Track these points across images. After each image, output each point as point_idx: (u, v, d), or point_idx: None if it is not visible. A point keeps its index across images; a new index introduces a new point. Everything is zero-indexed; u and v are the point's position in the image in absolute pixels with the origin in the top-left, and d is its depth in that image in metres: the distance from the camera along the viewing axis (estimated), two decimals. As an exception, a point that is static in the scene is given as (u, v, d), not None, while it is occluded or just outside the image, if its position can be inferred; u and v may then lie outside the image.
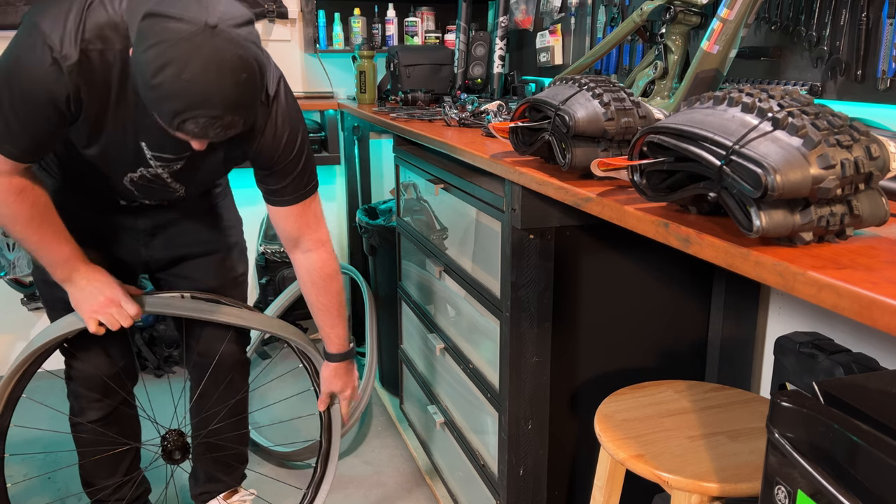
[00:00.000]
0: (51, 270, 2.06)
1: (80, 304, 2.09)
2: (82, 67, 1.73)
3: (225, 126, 1.65)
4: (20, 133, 1.81)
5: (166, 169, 2.02)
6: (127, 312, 2.11)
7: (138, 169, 2.01)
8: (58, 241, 2.01)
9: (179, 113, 1.61)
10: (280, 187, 2.11)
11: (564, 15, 3.21)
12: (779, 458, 1.15)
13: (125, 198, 2.16)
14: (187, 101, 1.59)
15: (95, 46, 1.74)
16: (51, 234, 1.99)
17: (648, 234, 1.36)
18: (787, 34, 2.04)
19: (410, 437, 3.25)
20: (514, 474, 2.16)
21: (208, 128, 1.64)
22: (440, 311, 2.69)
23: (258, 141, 1.99)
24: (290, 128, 2.02)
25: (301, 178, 2.11)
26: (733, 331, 2.23)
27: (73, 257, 2.05)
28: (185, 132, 1.66)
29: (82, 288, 2.08)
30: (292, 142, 2.04)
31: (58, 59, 1.71)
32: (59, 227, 2.01)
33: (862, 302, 0.95)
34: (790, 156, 1.10)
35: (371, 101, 3.77)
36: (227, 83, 1.60)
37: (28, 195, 1.92)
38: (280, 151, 2.03)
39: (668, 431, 1.73)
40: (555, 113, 1.68)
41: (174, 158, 1.99)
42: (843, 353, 1.80)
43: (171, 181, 2.07)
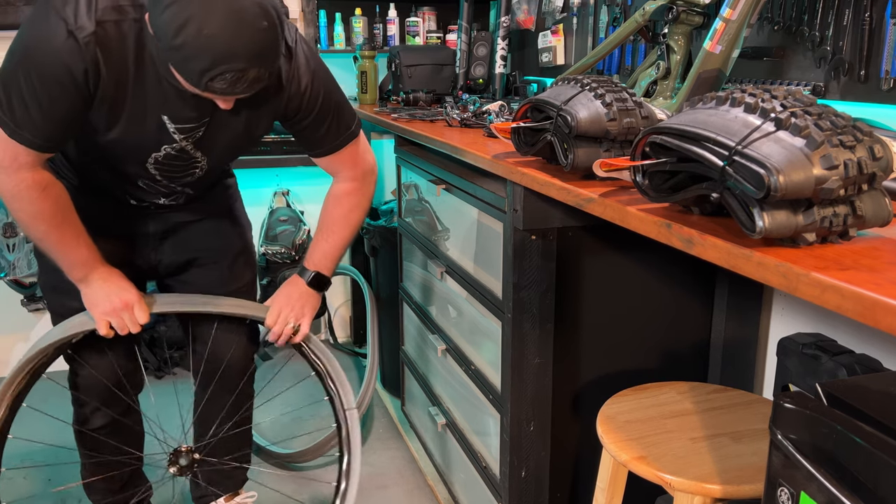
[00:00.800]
0: (68, 270, 2.03)
1: (94, 304, 2.07)
2: (99, 39, 1.71)
3: (252, 80, 1.65)
4: (40, 118, 1.77)
5: (190, 139, 1.97)
6: (136, 318, 2.09)
7: (162, 147, 1.96)
8: (78, 241, 1.99)
9: (206, 70, 1.60)
10: (318, 136, 2.12)
11: (566, 15, 3.20)
12: (782, 460, 1.15)
13: (139, 194, 2.13)
14: (212, 57, 1.58)
15: (110, 17, 1.72)
16: (71, 232, 1.97)
17: (651, 234, 1.36)
18: (790, 34, 2.04)
19: (412, 439, 3.25)
20: (516, 476, 2.15)
21: (236, 83, 1.64)
22: (442, 313, 2.69)
23: (283, 95, 1.98)
24: (311, 76, 2.00)
25: (336, 127, 2.11)
26: (736, 332, 2.22)
27: (91, 257, 2.03)
28: (213, 91, 1.66)
29: (98, 288, 2.05)
30: (317, 89, 2.02)
31: (73, 32, 1.68)
32: (78, 225, 1.98)
33: (865, 303, 0.95)
34: (793, 156, 1.09)
35: (372, 102, 3.76)
36: (249, 33, 1.59)
37: (51, 191, 1.90)
38: (307, 101, 2.02)
39: (671, 433, 1.72)
40: (557, 113, 1.67)
41: (196, 126, 1.94)
42: (847, 354, 1.80)
43: (193, 151, 2.02)
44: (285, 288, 2.30)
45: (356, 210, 2.27)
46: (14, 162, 1.82)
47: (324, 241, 2.27)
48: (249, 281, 2.47)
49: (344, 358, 4.18)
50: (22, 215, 1.92)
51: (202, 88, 1.66)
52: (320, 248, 2.27)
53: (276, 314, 2.26)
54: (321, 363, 2.38)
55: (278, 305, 2.27)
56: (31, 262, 3.54)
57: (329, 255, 2.28)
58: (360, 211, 2.28)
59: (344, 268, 3.81)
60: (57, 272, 2.04)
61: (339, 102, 2.10)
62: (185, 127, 1.93)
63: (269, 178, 4.13)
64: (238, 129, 2.02)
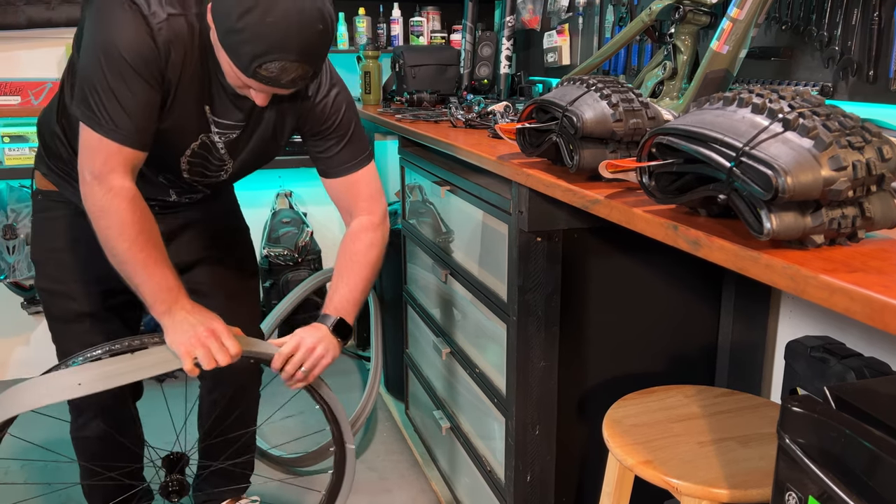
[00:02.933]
0: (151, 301, 1.88)
1: (177, 338, 1.89)
2: (170, 27, 1.77)
3: (296, 75, 1.72)
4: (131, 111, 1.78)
5: (223, 137, 2.00)
6: (227, 349, 1.90)
7: (199, 136, 1.97)
8: (164, 266, 1.87)
9: (259, 56, 1.67)
10: (331, 157, 2.13)
11: (572, 14, 3.19)
12: (789, 464, 1.15)
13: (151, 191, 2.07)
14: (268, 43, 1.66)
15: (176, 10, 1.79)
16: (157, 256, 1.86)
17: (657, 236, 1.35)
18: (798, 34, 2.02)
19: (416, 443, 3.23)
20: (521, 480, 2.14)
21: (282, 73, 1.70)
22: (446, 315, 2.68)
23: (309, 104, 2.03)
24: (338, 89, 2.07)
25: (353, 146, 2.13)
26: (743, 335, 2.21)
27: (176, 286, 1.90)
28: (258, 78, 1.72)
29: (182, 320, 1.89)
30: (340, 103, 2.08)
31: (147, 18, 1.74)
32: (163, 249, 1.88)
33: (874, 305, 0.94)
34: (801, 157, 1.08)
35: (376, 102, 3.76)
36: (307, 30, 1.68)
37: (139, 204, 1.84)
38: (329, 112, 2.06)
39: (678, 437, 1.72)
40: (562, 114, 1.66)
41: (233, 126, 1.99)
42: (855, 357, 1.79)
43: (224, 152, 2.04)
44: (308, 328, 2.11)
45: (374, 248, 2.18)
46: (105, 166, 1.79)
47: (343, 285, 2.15)
48: (253, 283, 2.49)
49: (347, 361, 4.17)
50: (109, 232, 1.82)
51: (249, 74, 1.71)
52: (339, 292, 2.14)
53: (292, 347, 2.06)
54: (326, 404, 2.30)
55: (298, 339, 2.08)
56: (31, 265, 3.53)
57: (349, 299, 2.15)
58: (378, 249, 2.19)
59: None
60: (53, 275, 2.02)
61: (357, 122, 2.13)
62: (223, 123, 1.97)
63: (271, 180, 4.13)
64: (266, 135, 2.07)
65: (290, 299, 3.47)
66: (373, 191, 2.20)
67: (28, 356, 4.00)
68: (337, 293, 2.14)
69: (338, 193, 2.19)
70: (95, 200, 1.81)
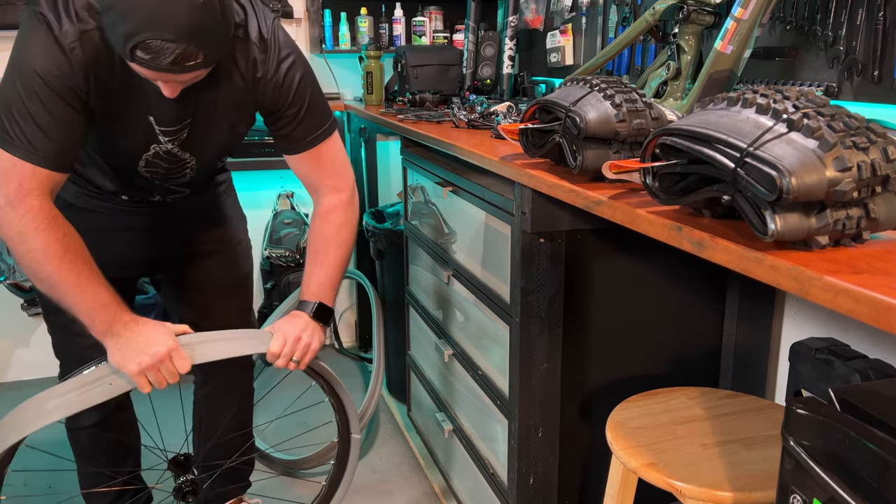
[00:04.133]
0: (89, 322, 1.82)
1: (123, 360, 1.84)
2: (83, 46, 1.71)
3: (180, 56, 1.59)
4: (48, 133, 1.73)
5: (175, 141, 1.96)
6: (176, 368, 1.88)
7: (151, 146, 1.95)
8: (97, 284, 1.81)
9: (131, 35, 1.56)
10: (287, 130, 2.05)
11: (575, 14, 3.18)
12: (794, 467, 1.15)
13: (136, 190, 2.12)
14: (137, 21, 1.55)
15: (90, 25, 1.71)
16: (87, 273, 1.80)
17: (661, 237, 1.34)
18: (803, 34, 2.02)
19: (418, 445, 3.23)
20: (524, 483, 2.13)
21: (161, 54, 1.57)
22: (449, 317, 2.67)
23: (261, 87, 1.94)
24: (289, 64, 1.97)
25: (311, 120, 2.05)
26: (748, 336, 2.20)
27: (113, 302, 1.83)
28: (138, 62, 1.60)
29: (126, 340, 1.84)
30: (293, 77, 1.98)
31: (59, 38, 1.68)
32: (93, 266, 1.82)
33: (879, 307, 0.93)
34: (805, 158, 1.08)
35: (378, 103, 3.75)
36: (180, 4, 1.55)
37: (60, 224, 1.77)
38: (284, 89, 1.97)
39: (682, 439, 1.71)
40: (565, 114, 1.66)
41: (178, 128, 1.93)
42: (860, 359, 1.79)
43: (181, 153, 2.01)
44: (288, 317, 2.10)
45: (346, 227, 2.16)
46: (20, 190, 1.73)
47: (318, 269, 2.13)
48: (246, 273, 2.45)
49: (349, 363, 4.17)
50: (33, 255, 1.76)
51: (128, 57, 1.61)
52: (315, 276, 2.13)
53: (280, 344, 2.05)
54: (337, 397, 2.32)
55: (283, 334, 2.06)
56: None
57: (326, 283, 2.13)
58: (349, 229, 2.17)
59: (349, 271, 3.80)
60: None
61: (315, 94, 2.05)
62: (168, 129, 1.92)
63: (273, 181, 4.13)
64: (222, 128, 2.01)
65: (292, 301, 3.46)
66: (338, 164, 2.15)
67: (28, 358, 3.99)
68: (313, 278, 2.12)
69: (302, 170, 2.14)
70: (12, 226, 1.74)
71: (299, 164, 2.11)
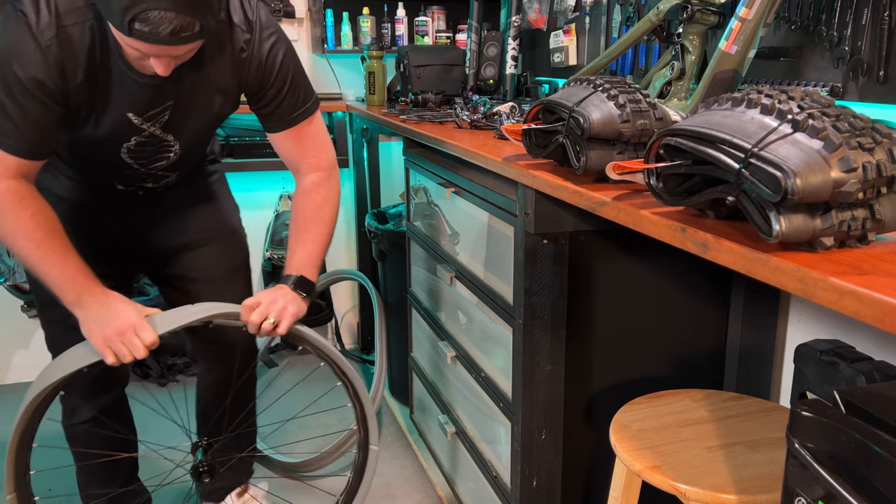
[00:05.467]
0: (58, 292, 1.93)
1: (90, 331, 1.94)
2: (61, 42, 1.75)
3: (177, 27, 1.62)
4: (22, 126, 1.80)
5: (157, 124, 2.00)
6: (142, 341, 1.94)
7: (132, 138, 2.00)
8: (65, 258, 1.91)
9: (129, 7, 1.58)
10: (271, 108, 2.10)
11: (579, 14, 3.18)
12: (799, 469, 1.14)
13: (124, 179, 2.16)
14: None
15: (69, 21, 1.75)
16: (56, 248, 1.90)
17: (665, 239, 1.34)
18: (808, 34, 2.01)
19: (421, 448, 3.22)
20: (527, 486, 2.12)
21: (160, 24, 1.60)
22: (451, 319, 2.66)
23: (246, 66, 2.00)
24: (272, 43, 2.02)
25: (293, 98, 2.10)
26: (752, 338, 2.19)
27: (81, 275, 1.93)
28: (136, 35, 1.63)
29: (94, 312, 1.93)
30: (276, 56, 2.03)
31: (35, 37, 1.73)
32: (64, 242, 1.91)
33: (884, 309, 0.93)
34: (810, 159, 1.08)
35: (380, 103, 3.75)
36: None
37: (29, 204, 1.87)
38: (268, 68, 2.02)
39: (686, 442, 1.71)
40: (569, 115, 1.65)
41: (160, 111, 1.97)
42: (865, 361, 1.79)
43: (163, 134, 2.04)
44: (268, 290, 2.16)
45: (328, 204, 2.21)
46: None
47: (300, 246, 2.19)
48: (242, 261, 2.49)
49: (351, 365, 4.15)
50: (4, 232, 1.88)
51: (126, 32, 1.63)
52: (297, 254, 2.19)
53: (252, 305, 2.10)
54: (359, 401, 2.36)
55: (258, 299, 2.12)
56: (30, 274, 3.54)
57: (308, 260, 2.19)
58: (331, 205, 2.22)
59: (351, 273, 3.80)
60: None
61: (298, 73, 2.10)
62: (150, 115, 1.96)
63: (274, 182, 4.12)
64: (205, 108, 2.05)
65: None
66: (319, 141, 2.21)
67: (28, 360, 3.98)
68: (295, 255, 2.18)
69: (284, 149, 2.20)
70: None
71: (282, 142, 2.18)
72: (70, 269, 1.91)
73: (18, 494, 2.07)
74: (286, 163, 2.24)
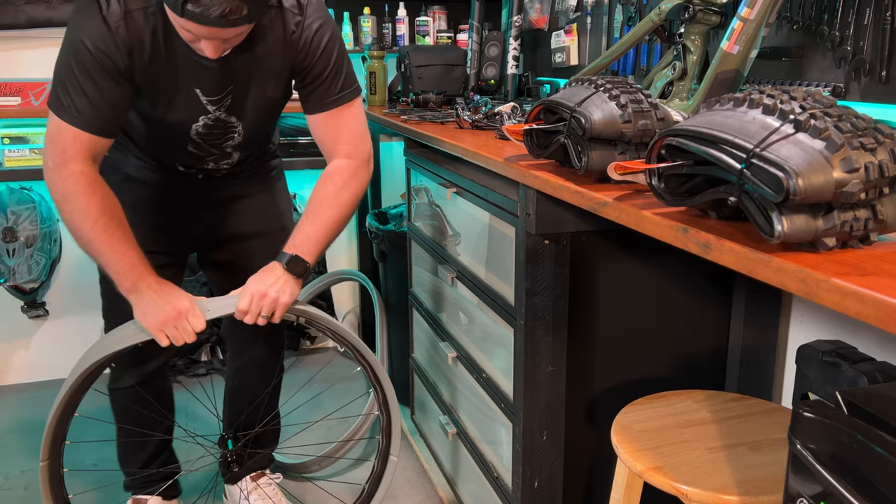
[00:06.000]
0: (117, 279, 2.03)
1: (145, 315, 2.06)
2: (128, 24, 1.87)
3: (227, 9, 1.71)
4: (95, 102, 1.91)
5: (221, 108, 2.10)
6: (192, 327, 2.07)
7: (199, 117, 2.10)
8: (127, 244, 2.01)
9: None
10: (313, 89, 2.15)
11: (580, 14, 3.18)
12: (801, 470, 1.14)
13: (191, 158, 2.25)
14: None
15: (134, 6, 1.87)
16: (120, 235, 2.00)
17: (667, 239, 1.33)
18: (810, 34, 2.00)
19: (422, 449, 3.22)
20: (528, 487, 2.12)
21: (210, 6, 1.69)
22: (452, 319, 2.66)
23: (295, 48, 2.07)
24: (321, 23, 2.08)
25: (334, 81, 2.15)
26: (754, 339, 2.19)
27: (140, 263, 2.04)
28: (188, 15, 1.71)
29: (149, 298, 2.04)
30: (323, 35, 2.09)
31: (105, 18, 1.85)
32: (127, 230, 2.02)
33: (887, 309, 0.92)
34: (812, 159, 1.07)
35: (381, 103, 3.75)
36: None
37: (99, 188, 1.97)
38: (314, 47, 2.08)
39: (687, 442, 1.70)
40: (570, 115, 1.65)
41: (224, 95, 2.07)
42: (868, 361, 1.78)
43: (227, 117, 2.14)
44: (259, 273, 2.15)
45: (348, 189, 2.18)
46: (63, 154, 1.93)
47: (307, 223, 2.16)
48: None
49: (352, 366, 4.15)
50: (73, 216, 1.97)
51: (179, 12, 1.71)
52: (303, 230, 2.16)
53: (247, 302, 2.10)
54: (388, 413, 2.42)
55: (249, 292, 2.12)
56: (31, 268, 3.53)
57: (312, 238, 2.15)
58: (351, 191, 2.19)
59: (352, 273, 3.79)
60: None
61: (341, 59, 2.15)
62: (214, 99, 2.07)
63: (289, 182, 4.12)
64: (259, 90, 2.13)
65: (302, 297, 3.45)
66: (357, 131, 2.22)
67: (29, 361, 3.97)
68: (300, 231, 2.17)
69: (321, 132, 2.22)
70: (57, 187, 1.96)
71: (318, 124, 2.21)
72: (130, 257, 2.02)
73: (51, 463, 2.15)
74: (322, 149, 2.25)
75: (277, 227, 2.49)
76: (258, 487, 2.73)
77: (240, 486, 2.74)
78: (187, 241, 2.47)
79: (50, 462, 2.13)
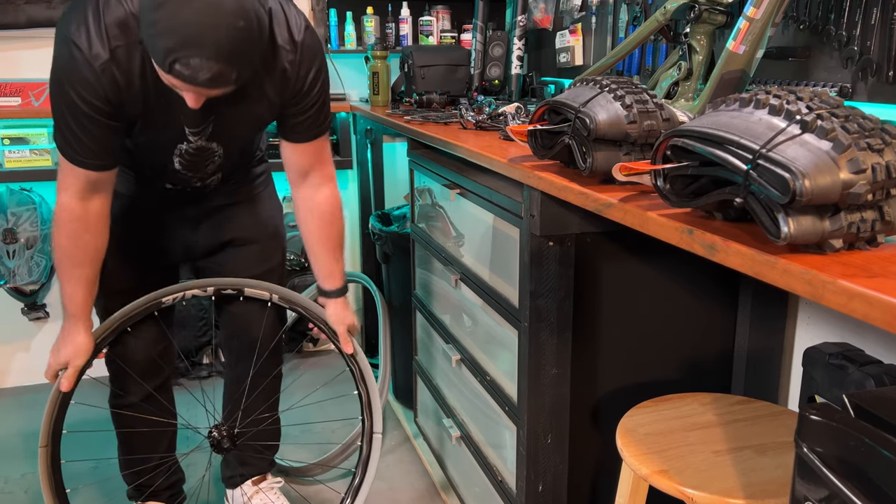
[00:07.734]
0: (64, 301, 2.18)
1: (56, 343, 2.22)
2: (110, 66, 1.86)
3: (215, 75, 1.71)
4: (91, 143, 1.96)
5: (202, 136, 2.12)
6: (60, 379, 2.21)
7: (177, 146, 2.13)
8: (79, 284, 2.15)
9: (172, 51, 1.66)
10: (299, 122, 2.20)
11: (585, 14, 3.17)
12: (807, 474, 1.14)
13: (174, 179, 2.27)
14: (181, 39, 1.65)
15: (120, 42, 1.85)
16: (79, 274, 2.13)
17: (672, 241, 1.33)
18: (816, 34, 1.99)
19: (425, 452, 3.22)
20: (532, 490, 2.11)
21: (198, 71, 1.69)
22: (456, 321, 2.65)
23: (289, 84, 2.09)
24: (315, 70, 2.11)
25: (319, 116, 2.21)
26: (760, 341, 2.18)
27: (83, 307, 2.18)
28: (176, 75, 1.71)
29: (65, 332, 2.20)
30: (317, 78, 2.13)
31: (89, 61, 1.84)
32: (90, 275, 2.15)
33: (894, 311, 0.92)
34: (819, 160, 1.06)
35: (384, 104, 3.74)
36: (223, 27, 1.66)
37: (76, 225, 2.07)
38: (307, 87, 2.12)
39: (693, 446, 1.70)
40: (575, 115, 1.64)
41: (204, 126, 2.09)
42: (875, 364, 1.77)
43: (206, 144, 2.16)
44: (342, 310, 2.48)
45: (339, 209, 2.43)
46: (61, 183, 2.04)
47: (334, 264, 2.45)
48: (279, 263, 2.62)
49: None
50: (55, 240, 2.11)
51: (166, 70, 1.71)
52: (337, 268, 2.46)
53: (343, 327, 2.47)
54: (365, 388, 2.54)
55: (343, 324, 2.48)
56: (31, 270, 3.53)
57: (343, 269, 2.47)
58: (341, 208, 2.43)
59: (355, 275, 3.79)
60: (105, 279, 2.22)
61: (328, 95, 2.23)
62: (196, 130, 2.09)
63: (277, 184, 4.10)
64: (245, 119, 2.15)
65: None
66: (328, 153, 2.37)
67: (29, 363, 3.97)
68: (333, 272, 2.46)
69: (297, 157, 2.30)
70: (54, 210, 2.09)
71: (297, 152, 2.29)
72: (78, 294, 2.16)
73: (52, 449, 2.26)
74: (293, 169, 2.34)
75: (269, 232, 2.56)
76: (260, 491, 2.73)
77: (242, 489, 2.74)
78: (180, 250, 2.49)
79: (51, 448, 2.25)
